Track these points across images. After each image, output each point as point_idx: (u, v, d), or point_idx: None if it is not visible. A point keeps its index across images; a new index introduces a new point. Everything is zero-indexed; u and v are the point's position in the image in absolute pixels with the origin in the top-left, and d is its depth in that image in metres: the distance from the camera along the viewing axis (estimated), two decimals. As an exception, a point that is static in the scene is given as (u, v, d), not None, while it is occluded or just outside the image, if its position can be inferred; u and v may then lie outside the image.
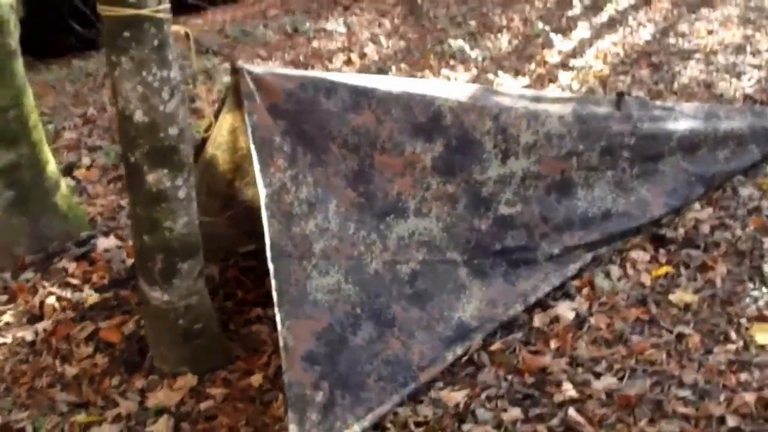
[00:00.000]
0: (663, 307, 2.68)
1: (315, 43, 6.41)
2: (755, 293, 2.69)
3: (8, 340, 2.80)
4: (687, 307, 2.66)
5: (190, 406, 2.39)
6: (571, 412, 2.18)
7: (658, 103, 3.51)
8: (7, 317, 2.91)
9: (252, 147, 2.20)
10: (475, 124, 2.73)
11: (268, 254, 2.17)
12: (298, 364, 2.17)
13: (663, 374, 2.33)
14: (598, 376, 2.35)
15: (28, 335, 2.80)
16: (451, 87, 2.81)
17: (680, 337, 2.50)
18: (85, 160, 4.29)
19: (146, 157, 2.08)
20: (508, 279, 2.79)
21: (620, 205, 3.12)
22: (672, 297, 2.71)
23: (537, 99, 2.97)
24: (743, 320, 2.55)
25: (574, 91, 4.95)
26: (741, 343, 2.44)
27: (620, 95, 3.20)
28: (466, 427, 2.19)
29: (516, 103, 2.86)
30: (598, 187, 3.10)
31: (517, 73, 5.52)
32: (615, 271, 2.90)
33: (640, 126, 3.18)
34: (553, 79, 5.26)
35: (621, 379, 2.33)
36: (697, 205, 3.30)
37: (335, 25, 6.77)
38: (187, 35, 2.11)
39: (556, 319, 2.65)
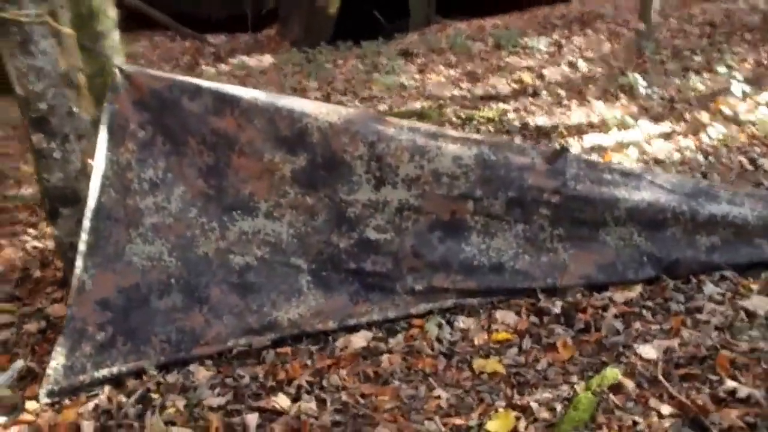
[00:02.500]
0: (458, 368, 2.56)
1: (509, 59, 6.48)
2: (563, 388, 2.40)
3: (38, 245, 3.81)
4: (479, 375, 2.50)
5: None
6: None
7: (621, 166, 3.07)
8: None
9: (102, 128, 2.77)
10: (345, 147, 2.87)
11: (88, 213, 2.72)
12: (89, 304, 2.68)
13: (357, 418, 2.32)
14: (311, 397, 2.43)
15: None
16: (327, 108, 2.95)
17: (427, 396, 2.41)
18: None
19: (29, 122, 2.80)
20: (354, 299, 2.90)
21: (521, 262, 2.93)
22: (477, 362, 2.56)
23: (434, 135, 2.94)
24: (504, 404, 2.33)
25: (701, 145, 4.36)
26: (472, 423, 2.27)
27: (561, 150, 2.96)
28: (172, 397, 2.50)
29: (401, 134, 2.90)
30: (500, 238, 2.95)
31: (677, 119, 4.97)
32: (461, 322, 2.79)
33: (571, 185, 2.91)
34: (696, 131, 4.65)
35: (322, 409, 2.38)
36: (638, 287, 2.90)
37: (542, 44, 6.70)
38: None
39: (348, 345, 2.71)
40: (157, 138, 2.83)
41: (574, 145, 4.49)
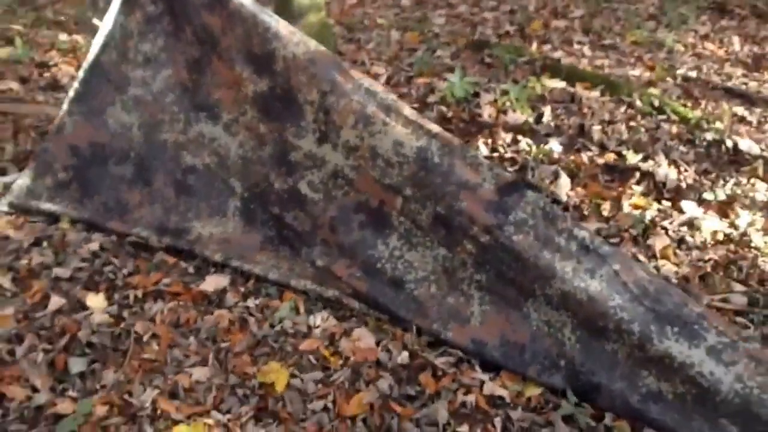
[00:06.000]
0: (254, 359, 2.30)
1: None
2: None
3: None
4: (247, 380, 2.22)
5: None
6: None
7: (589, 237, 2.15)
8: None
9: (120, -9, 2.89)
10: (301, 86, 2.57)
11: (85, 65, 2.92)
12: (63, 145, 2.96)
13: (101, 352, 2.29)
14: (118, 311, 2.44)
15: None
16: (299, 38, 2.53)
17: (178, 373, 2.23)
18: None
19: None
20: (265, 244, 2.73)
21: (423, 291, 2.42)
22: (269, 365, 2.25)
23: (387, 108, 2.43)
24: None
25: None
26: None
27: (517, 182, 2.25)
28: (47, 252, 2.71)
29: (354, 94, 2.47)
30: (419, 254, 2.45)
31: None
32: (319, 318, 2.45)
33: (507, 231, 2.24)
34: None
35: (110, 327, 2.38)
36: (533, 390, 2.21)
37: None
38: None
39: (203, 282, 2.59)
40: (164, 16, 2.86)
41: (759, 189, 3.30)
